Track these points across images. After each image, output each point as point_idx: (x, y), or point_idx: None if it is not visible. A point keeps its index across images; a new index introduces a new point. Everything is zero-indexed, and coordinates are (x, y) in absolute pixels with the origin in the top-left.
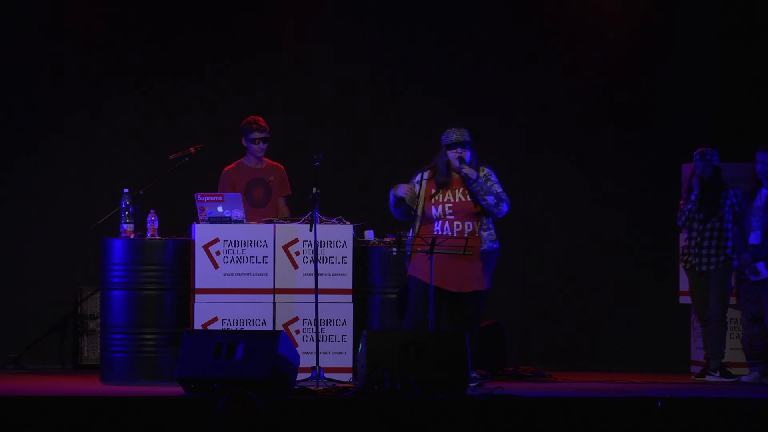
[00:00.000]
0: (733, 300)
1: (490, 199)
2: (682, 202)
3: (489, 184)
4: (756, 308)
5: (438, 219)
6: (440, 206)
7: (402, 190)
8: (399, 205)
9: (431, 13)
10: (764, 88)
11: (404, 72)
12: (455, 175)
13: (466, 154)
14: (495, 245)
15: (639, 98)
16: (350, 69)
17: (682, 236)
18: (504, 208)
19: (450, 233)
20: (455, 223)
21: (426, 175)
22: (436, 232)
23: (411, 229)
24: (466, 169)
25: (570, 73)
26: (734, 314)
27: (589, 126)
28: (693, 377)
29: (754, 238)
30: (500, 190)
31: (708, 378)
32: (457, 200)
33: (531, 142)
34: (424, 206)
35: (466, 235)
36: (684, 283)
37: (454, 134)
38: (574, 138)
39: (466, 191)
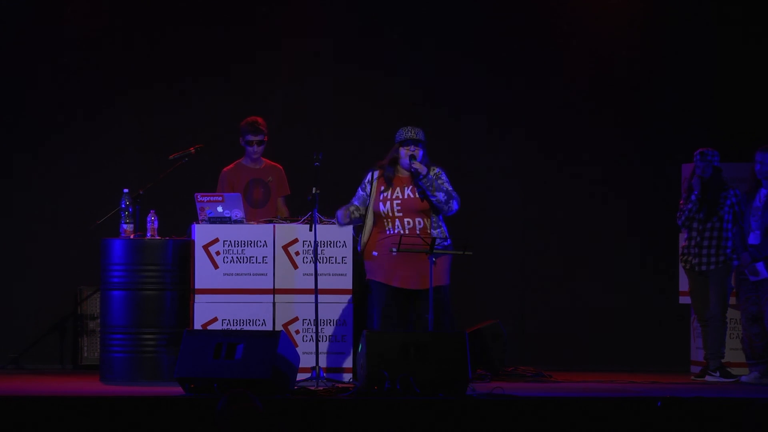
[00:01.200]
0: (733, 300)
1: (440, 195)
2: (682, 202)
3: (440, 182)
4: (756, 308)
5: (386, 217)
6: (388, 203)
7: (341, 217)
8: (346, 224)
9: (431, 14)
10: (764, 88)
11: (405, 72)
12: (402, 173)
13: (418, 153)
14: (446, 242)
15: (639, 98)
16: (350, 69)
17: (682, 236)
18: (454, 205)
19: (401, 230)
20: (405, 220)
21: (376, 174)
22: (387, 231)
23: (361, 232)
24: (416, 164)
25: (569, 73)
26: (734, 314)
27: (589, 126)
28: (693, 377)
29: (753, 239)
30: (450, 188)
31: (708, 378)
32: (406, 197)
33: (530, 142)
34: (373, 204)
35: (418, 232)
36: (684, 283)
37: (408, 132)
38: (573, 138)
39: (415, 188)
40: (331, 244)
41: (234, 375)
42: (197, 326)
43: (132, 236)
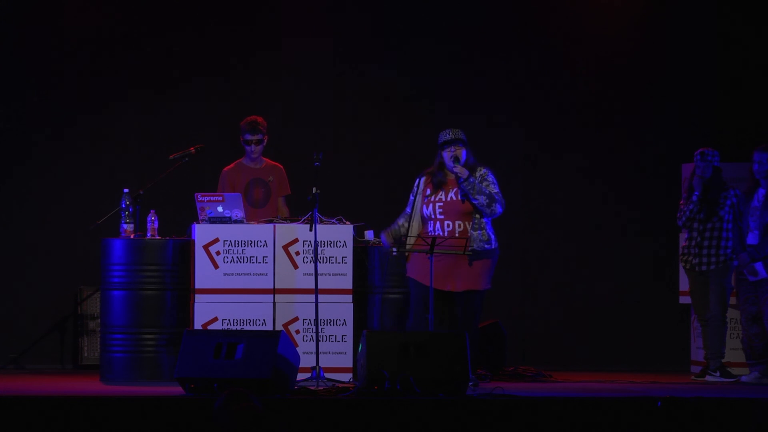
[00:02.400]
0: (733, 300)
1: (482, 199)
2: (682, 202)
3: (485, 184)
4: (755, 308)
5: (429, 219)
6: (431, 205)
7: (385, 239)
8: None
9: (431, 14)
10: (764, 88)
11: (404, 72)
12: (450, 175)
13: (462, 153)
14: (488, 246)
15: (639, 98)
16: (350, 69)
17: (682, 236)
18: (498, 208)
19: (441, 233)
20: (446, 222)
21: (423, 178)
22: (429, 233)
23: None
24: (458, 168)
25: (570, 73)
26: (734, 314)
27: (589, 126)
28: (693, 377)
29: (751, 238)
30: (496, 190)
31: (708, 378)
32: (448, 199)
33: (531, 142)
34: (419, 207)
35: (457, 235)
36: (684, 283)
37: (449, 134)
38: (573, 138)
39: (459, 191)
40: (331, 244)
41: (234, 375)
42: (197, 326)
43: (132, 236)
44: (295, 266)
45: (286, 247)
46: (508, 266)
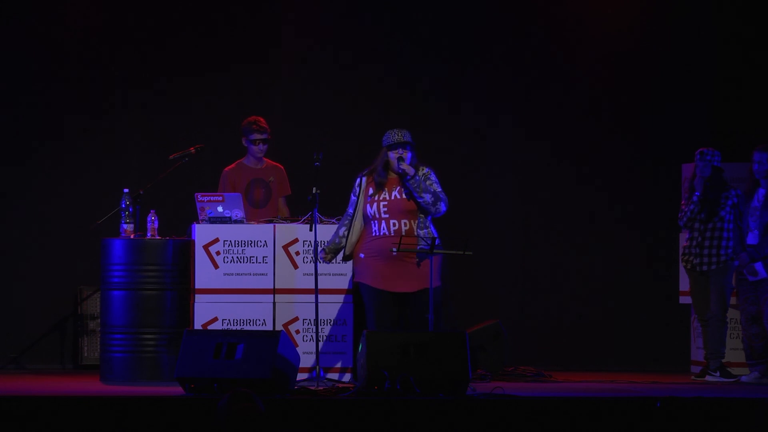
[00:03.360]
0: (733, 300)
1: (427, 197)
2: (683, 202)
3: (428, 183)
4: (755, 308)
5: (373, 219)
6: (375, 204)
7: (322, 257)
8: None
9: (431, 14)
10: (764, 88)
11: (405, 72)
12: (392, 175)
13: (407, 155)
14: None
15: (639, 98)
16: (350, 69)
17: (683, 236)
18: (442, 207)
19: (387, 232)
20: (391, 221)
21: (365, 178)
22: (373, 233)
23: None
24: (403, 165)
25: (570, 73)
26: (734, 314)
27: (589, 126)
28: (693, 377)
29: (751, 238)
30: (439, 189)
31: (708, 378)
32: (392, 198)
33: (530, 142)
34: (362, 207)
35: (403, 234)
36: (684, 283)
37: (395, 135)
38: (573, 138)
39: (402, 189)
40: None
41: (234, 375)
42: (197, 326)
43: (132, 236)
44: (295, 266)
45: (286, 247)
46: (507, 266)
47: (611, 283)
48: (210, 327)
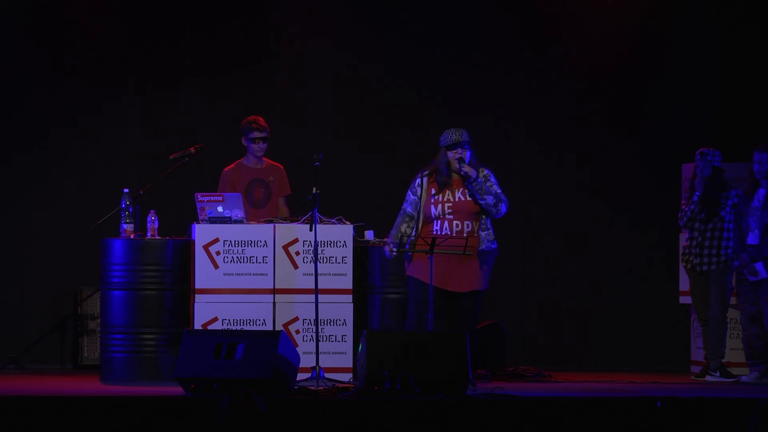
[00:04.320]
0: (733, 300)
1: (489, 199)
2: (683, 202)
3: (488, 184)
4: (755, 308)
5: (437, 218)
6: (440, 205)
7: (388, 252)
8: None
9: (432, 14)
10: (764, 88)
11: (405, 72)
12: (455, 176)
13: (466, 155)
14: (493, 245)
15: (639, 98)
16: (350, 69)
17: (683, 236)
18: (503, 208)
19: (449, 232)
20: (454, 222)
21: (426, 178)
22: (435, 232)
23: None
24: (466, 168)
25: (570, 73)
26: (734, 314)
27: (589, 126)
28: (693, 377)
29: (752, 239)
30: (499, 191)
31: (708, 378)
32: (457, 200)
33: (530, 142)
34: (424, 207)
35: (465, 235)
36: (684, 283)
37: (453, 135)
38: (573, 138)
39: (466, 191)
40: (331, 244)
41: (234, 375)
42: (197, 326)
43: (132, 236)
44: (295, 266)
45: (286, 247)
46: (507, 266)
47: (611, 283)
48: (210, 327)
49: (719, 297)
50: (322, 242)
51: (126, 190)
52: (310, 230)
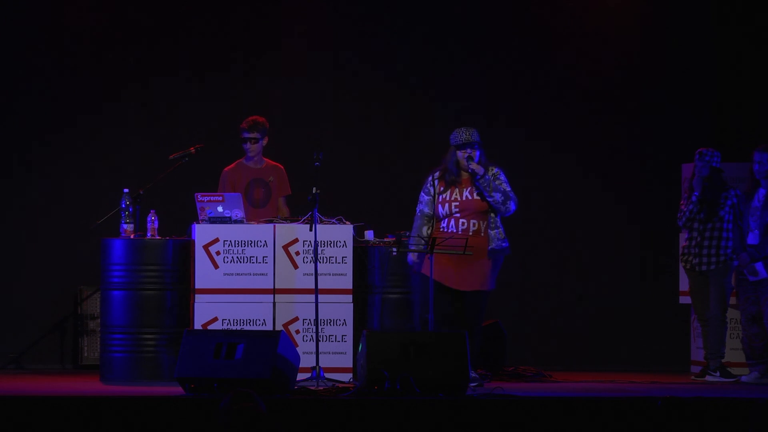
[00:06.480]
0: (733, 300)
1: (497, 196)
2: (682, 202)
3: (497, 182)
4: (755, 308)
5: (445, 217)
6: (447, 204)
7: (411, 258)
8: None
9: (432, 14)
10: (764, 88)
11: (405, 72)
12: (464, 174)
13: (475, 154)
14: (504, 244)
15: (639, 98)
16: (350, 69)
17: (682, 236)
18: (512, 206)
19: (455, 231)
20: (461, 220)
21: (437, 175)
22: (442, 230)
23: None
24: (473, 165)
25: (570, 73)
26: (734, 314)
27: (589, 126)
28: (693, 377)
29: (752, 239)
30: (509, 189)
31: (708, 378)
32: (464, 198)
33: (531, 142)
34: (434, 206)
35: (470, 234)
36: (684, 283)
37: (463, 134)
38: (573, 138)
39: (474, 189)
40: (331, 244)
41: (234, 375)
42: (197, 326)
43: (132, 236)
44: (295, 266)
45: (286, 247)
46: (508, 266)
47: (611, 283)
48: (210, 327)
49: (718, 297)
50: (322, 242)
51: (126, 190)
52: (310, 230)
